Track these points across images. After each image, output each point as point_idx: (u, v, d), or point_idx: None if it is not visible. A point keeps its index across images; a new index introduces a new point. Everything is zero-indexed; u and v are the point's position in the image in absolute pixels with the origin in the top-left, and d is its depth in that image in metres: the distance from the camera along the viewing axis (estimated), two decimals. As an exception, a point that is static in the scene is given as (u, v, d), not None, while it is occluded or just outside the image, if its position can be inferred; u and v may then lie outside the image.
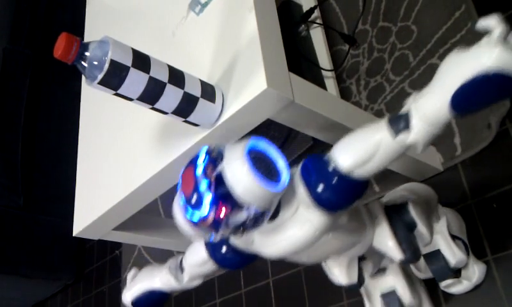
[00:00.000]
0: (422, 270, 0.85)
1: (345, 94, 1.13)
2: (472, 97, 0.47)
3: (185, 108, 0.73)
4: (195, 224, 0.52)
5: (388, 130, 0.52)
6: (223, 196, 0.50)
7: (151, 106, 0.71)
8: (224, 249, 0.68)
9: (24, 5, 1.78)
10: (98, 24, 1.29)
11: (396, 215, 0.72)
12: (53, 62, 1.79)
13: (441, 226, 0.82)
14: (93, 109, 1.14)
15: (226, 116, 0.74)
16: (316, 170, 0.56)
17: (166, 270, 0.76)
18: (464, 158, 0.91)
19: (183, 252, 0.76)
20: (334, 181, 0.55)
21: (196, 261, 0.72)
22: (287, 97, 0.71)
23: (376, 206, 0.73)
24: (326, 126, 0.80)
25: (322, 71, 1.04)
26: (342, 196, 0.56)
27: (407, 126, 0.51)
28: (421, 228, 0.72)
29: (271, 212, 0.53)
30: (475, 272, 0.84)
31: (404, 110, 0.52)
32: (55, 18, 1.87)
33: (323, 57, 1.05)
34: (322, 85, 0.99)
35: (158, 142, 0.87)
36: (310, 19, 1.03)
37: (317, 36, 1.07)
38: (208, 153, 0.52)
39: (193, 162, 0.52)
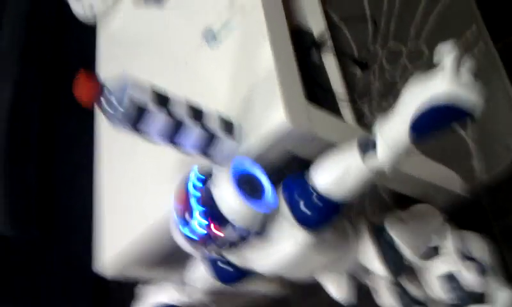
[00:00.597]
0: (440, 295, 0.83)
1: (357, 115, 1.13)
2: (427, 124, 0.51)
3: (204, 144, 0.73)
4: (188, 238, 0.58)
5: (358, 152, 0.55)
6: (213, 215, 0.56)
7: (170, 143, 0.72)
8: (220, 263, 0.70)
9: (34, 37, 1.80)
10: (110, 53, 1.30)
11: (379, 232, 0.73)
12: (65, 91, 1.81)
13: (448, 247, 0.80)
14: (110, 137, 1.14)
15: (245, 149, 0.74)
16: (296, 189, 0.60)
17: (172, 286, 0.79)
18: (485, 180, 0.91)
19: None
20: (312, 200, 0.58)
21: (197, 276, 0.76)
22: (307, 131, 0.70)
23: (360, 221, 0.75)
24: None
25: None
26: (321, 214, 0.59)
27: (373, 149, 0.53)
28: (398, 244, 0.73)
29: (258, 229, 0.58)
30: (497, 299, 0.83)
31: (372, 133, 0.54)
32: (65, 48, 1.88)
33: (336, 82, 1.05)
34: (337, 111, 0.99)
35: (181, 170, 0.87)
36: (321, 45, 1.04)
37: (329, 62, 1.07)
38: (198, 174, 0.58)
39: (185, 184, 0.58)
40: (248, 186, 0.57)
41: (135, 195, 0.99)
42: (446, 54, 0.50)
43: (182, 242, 0.60)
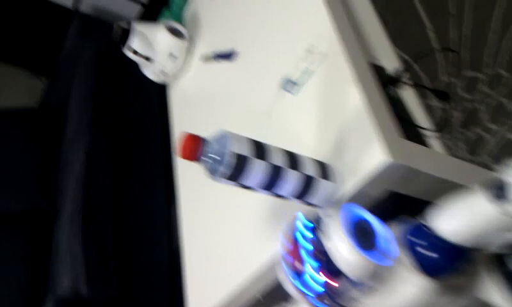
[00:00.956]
0: None
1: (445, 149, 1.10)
2: None
3: (303, 190, 0.73)
4: (305, 295, 0.55)
5: (487, 198, 0.51)
6: (334, 273, 0.52)
7: (271, 193, 0.72)
8: None
9: (101, 103, 1.88)
10: (184, 112, 1.34)
11: (505, 264, 0.67)
12: (133, 155, 1.87)
13: None
14: (192, 197, 1.16)
15: (345, 192, 0.73)
16: (420, 238, 0.57)
17: None
18: None
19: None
20: (439, 249, 0.56)
21: None
22: (410, 167, 0.69)
23: (481, 256, 0.68)
24: (445, 189, 0.77)
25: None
26: (447, 263, 0.57)
27: (506, 196, 0.49)
28: None
29: (380, 283, 0.55)
30: None
31: (501, 177, 0.50)
32: (132, 110, 1.96)
33: (419, 116, 1.03)
34: (426, 145, 0.97)
35: (273, 224, 0.87)
36: (398, 80, 1.03)
37: (407, 96, 1.07)
38: (312, 227, 0.55)
39: (292, 229, 0.56)
40: (360, 234, 0.54)
41: (221, 252, 0.99)
42: None
43: (293, 293, 0.58)
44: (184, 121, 1.32)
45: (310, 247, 0.54)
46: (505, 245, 0.75)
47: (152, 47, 1.29)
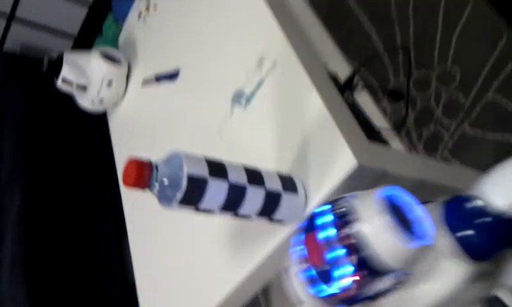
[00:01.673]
0: None
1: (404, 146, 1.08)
2: None
3: (269, 207, 0.66)
4: (327, 296, 0.43)
5: None
6: (366, 262, 0.42)
7: (234, 214, 0.65)
8: None
9: (34, 139, 1.77)
10: (125, 138, 1.25)
11: None
12: (75, 187, 1.75)
13: None
14: (142, 223, 1.07)
15: (313, 203, 0.68)
16: (465, 215, 0.49)
17: None
18: None
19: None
20: (490, 225, 0.47)
21: None
22: (379, 169, 0.64)
23: None
24: (415, 188, 0.74)
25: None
26: (498, 240, 0.49)
27: None
28: None
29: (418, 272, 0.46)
30: None
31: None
32: (70, 142, 1.85)
33: (377, 118, 1.01)
34: (388, 145, 0.94)
35: (233, 249, 0.80)
36: (352, 85, 1.00)
37: (362, 100, 1.04)
38: (333, 210, 0.44)
39: (314, 226, 0.44)
40: (402, 219, 0.44)
41: (179, 285, 0.90)
42: None
43: (314, 304, 0.46)
44: (126, 148, 1.23)
45: (333, 230, 0.43)
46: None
47: (86, 75, 1.20)
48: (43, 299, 1.48)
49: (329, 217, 0.43)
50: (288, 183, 0.68)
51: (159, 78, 1.12)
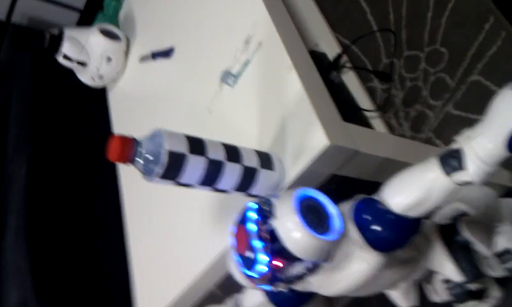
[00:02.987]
0: (495, 269, 0.80)
1: (388, 128, 1.11)
2: None
3: (246, 182, 0.70)
4: (253, 278, 0.53)
5: (441, 169, 0.51)
6: (278, 252, 0.51)
7: (212, 188, 0.69)
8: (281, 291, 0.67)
9: (41, 111, 1.81)
10: (123, 113, 1.30)
11: (451, 235, 0.71)
12: (78, 160, 1.80)
13: (505, 223, 0.78)
14: (138, 197, 1.12)
15: (288, 180, 0.71)
16: (369, 214, 0.57)
17: None
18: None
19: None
20: (388, 224, 0.55)
21: (254, 303, 0.73)
22: (350, 148, 0.68)
23: (430, 228, 0.72)
24: (387, 168, 0.77)
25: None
26: (397, 237, 0.57)
27: (461, 166, 0.50)
28: (477, 246, 0.71)
29: (328, 261, 0.54)
30: None
31: (454, 147, 0.51)
32: (74, 115, 1.89)
33: (361, 99, 1.03)
34: (369, 127, 0.97)
35: (217, 220, 0.84)
36: (339, 65, 1.03)
37: (349, 80, 1.06)
38: (258, 208, 0.53)
39: (244, 220, 0.53)
40: (313, 216, 0.52)
41: (168, 254, 0.95)
42: None
43: (243, 281, 0.56)
44: (124, 123, 1.27)
45: (255, 227, 0.53)
46: (454, 215, 0.76)
47: (86, 52, 1.24)
48: (46, 268, 1.54)
49: (254, 214, 0.53)
50: (265, 160, 0.72)
51: (155, 56, 1.16)
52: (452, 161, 0.51)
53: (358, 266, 0.57)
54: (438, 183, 0.52)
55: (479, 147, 0.49)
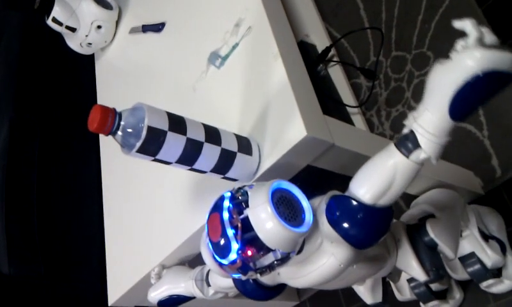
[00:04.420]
0: (458, 273, 0.83)
1: (368, 125, 1.13)
2: (467, 101, 0.50)
3: (223, 165, 0.71)
4: (224, 266, 0.54)
5: (400, 153, 0.54)
6: (250, 241, 0.52)
7: (189, 167, 0.70)
8: (249, 284, 0.69)
9: (27, 73, 1.79)
10: (109, 84, 1.29)
11: (417, 235, 0.74)
12: (61, 126, 1.79)
13: (471, 228, 0.81)
14: (116, 171, 1.12)
15: (265, 167, 0.73)
16: (339, 209, 0.58)
17: (192, 282, 0.80)
18: (506, 179, 0.90)
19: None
20: (358, 218, 0.56)
21: (223, 284, 0.75)
22: (327, 141, 0.69)
23: (397, 227, 0.74)
24: (362, 164, 0.79)
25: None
26: (368, 231, 0.58)
27: (416, 144, 0.53)
28: (442, 247, 0.73)
29: (296, 250, 0.55)
30: None
31: (406, 130, 0.54)
32: (60, 81, 1.87)
33: (344, 94, 1.05)
34: (349, 122, 0.98)
35: (193, 200, 0.85)
36: (326, 58, 1.04)
37: (335, 74, 1.07)
38: (232, 197, 0.54)
39: (218, 208, 0.54)
40: (285, 207, 0.53)
41: (147, 225, 0.96)
42: (469, 29, 0.49)
43: (215, 268, 0.57)
44: (108, 93, 1.27)
45: (227, 215, 0.53)
46: (421, 216, 0.79)
47: (77, 17, 1.23)
48: (20, 231, 1.54)
49: (227, 203, 0.53)
50: (244, 145, 0.73)
51: (145, 29, 1.15)
52: (407, 143, 0.54)
53: (326, 260, 0.58)
54: (400, 167, 0.54)
55: (426, 123, 0.52)
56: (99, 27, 1.24)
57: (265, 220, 0.51)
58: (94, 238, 1.71)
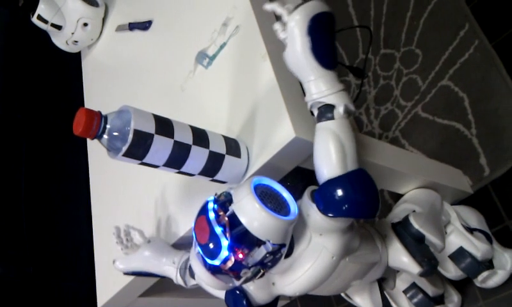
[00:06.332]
0: (452, 271, 0.83)
1: (356, 124, 1.12)
2: (320, 46, 0.60)
3: (211, 167, 0.70)
4: (216, 270, 0.53)
5: (328, 121, 0.61)
6: (239, 235, 0.52)
7: (177, 170, 0.69)
8: (242, 305, 0.67)
9: (13, 71, 1.77)
10: (96, 83, 1.28)
11: (403, 230, 0.75)
12: (48, 125, 1.77)
13: (454, 223, 0.82)
14: (104, 172, 1.11)
15: (254, 168, 0.72)
16: (325, 196, 0.60)
17: (174, 269, 0.78)
18: (494, 178, 0.90)
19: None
20: (344, 188, 0.58)
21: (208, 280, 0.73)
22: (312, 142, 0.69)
23: (383, 225, 0.75)
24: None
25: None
26: (361, 192, 0.59)
27: (329, 107, 0.61)
28: (429, 236, 0.75)
29: (287, 245, 0.55)
30: (507, 260, 0.83)
31: (314, 109, 0.63)
32: (47, 79, 1.85)
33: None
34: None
35: (182, 202, 0.85)
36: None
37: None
38: (216, 199, 0.55)
39: (204, 210, 0.54)
40: (268, 200, 0.54)
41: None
42: (279, 12, 0.60)
43: (207, 278, 0.56)
44: (95, 92, 1.25)
45: (213, 215, 0.53)
46: (405, 214, 0.79)
47: (62, 15, 1.21)
48: (8, 229, 1.52)
49: (212, 204, 0.54)
50: (233, 147, 0.73)
51: (132, 26, 1.14)
52: (324, 114, 0.61)
53: (318, 253, 0.58)
54: (338, 131, 0.60)
55: (317, 89, 0.61)
56: (85, 24, 1.22)
57: (251, 210, 0.52)
58: (83, 237, 1.70)
